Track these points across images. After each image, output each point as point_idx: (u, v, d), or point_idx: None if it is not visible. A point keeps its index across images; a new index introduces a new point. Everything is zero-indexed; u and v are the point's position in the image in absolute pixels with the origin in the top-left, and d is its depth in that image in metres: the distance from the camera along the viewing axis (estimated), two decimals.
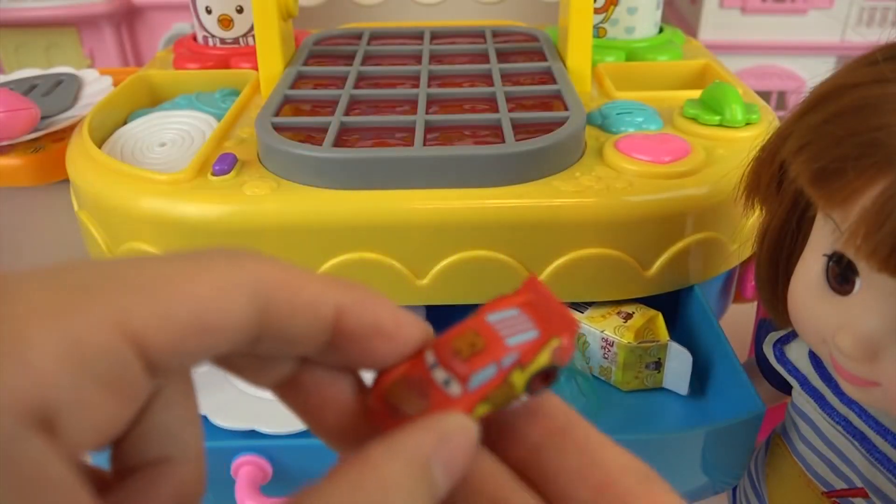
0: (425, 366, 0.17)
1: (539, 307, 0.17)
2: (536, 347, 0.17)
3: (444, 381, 0.16)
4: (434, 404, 0.16)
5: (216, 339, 0.14)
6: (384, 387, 0.17)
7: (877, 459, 0.31)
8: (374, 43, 0.58)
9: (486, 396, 0.16)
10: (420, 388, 0.17)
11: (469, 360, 0.16)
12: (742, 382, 0.37)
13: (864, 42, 0.28)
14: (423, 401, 0.16)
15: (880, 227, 0.24)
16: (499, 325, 0.17)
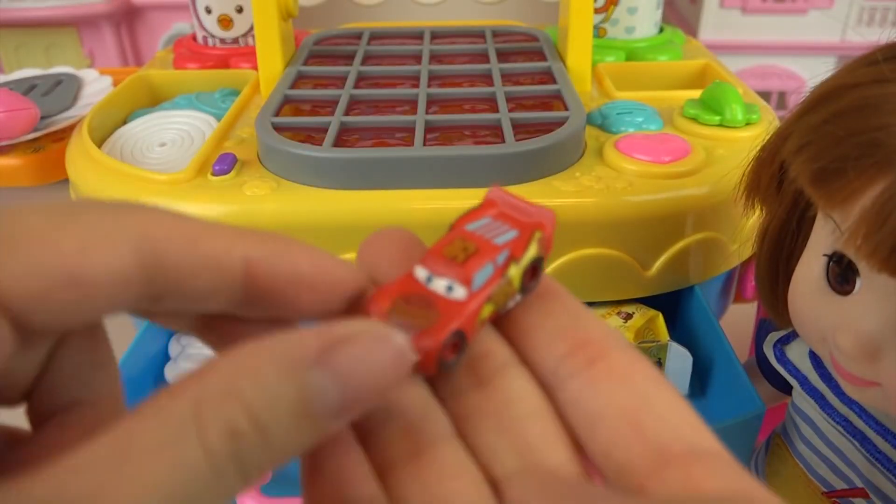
0: (419, 282, 0.17)
1: (508, 211, 0.18)
2: (524, 241, 0.17)
3: (447, 287, 0.16)
4: (444, 312, 0.16)
5: (90, 294, 0.13)
6: (382, 314, 0.16)
7: (877, 459, 0.31)
8: (374, 43, 0.58)
9: (490, 295, 0.17)
10: (422, 301, 0.16)
11: (466, 262, 0.17)
12: (742, 382, 0.36)
13: (864, 42, 0.28)
14: (430, 312, 0.16)
15: (880, 226, 0.24)
16: (480, 230, 0.17)
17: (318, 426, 0.14)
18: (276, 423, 0.13)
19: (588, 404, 0.16)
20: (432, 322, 0.16)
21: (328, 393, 0.13)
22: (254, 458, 0.13)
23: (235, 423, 0.12)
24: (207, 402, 0.13)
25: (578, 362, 0.16)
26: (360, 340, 0.14)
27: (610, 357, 0.16)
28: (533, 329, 0.17)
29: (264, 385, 0.13)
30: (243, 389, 0.13)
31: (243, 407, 0.13)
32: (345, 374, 0.13)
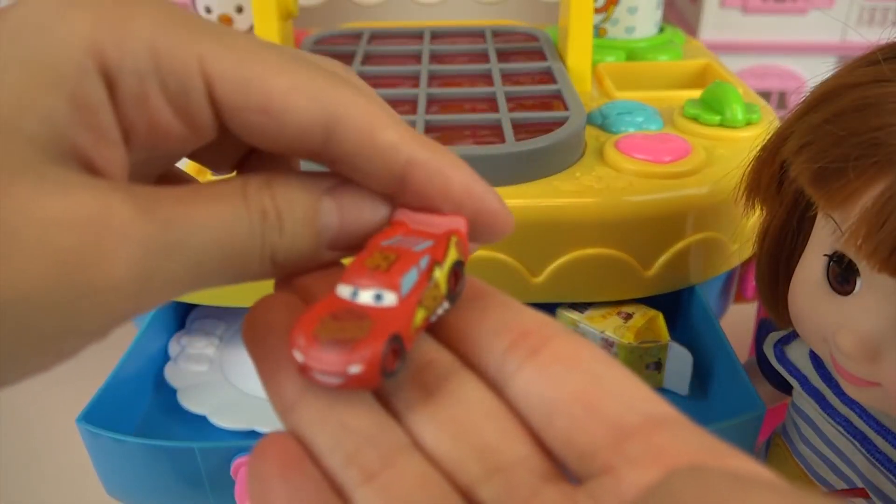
0: (344, 299, 0.17)
1: (419, 227, 0.18)
2: (442, 246, 0.17)
3: (375, 296, 0.16)
4: (377, 321, 0.16)
5: (276, 127, 0.16)
6: (309, 336, 0.16)
7: (877, 460, 0.31)
8: (374, 43, 0.58)
9: (420, 299, 0.17)
10: (352, 315, 0.16)
11: (389, 270, 0.17)
12: (742, 383, 0.36)
13: (864, 42, 0.28)
14: (362, 323, 0.16)
15: (881, 226, 0.24)
16: (397, 244, 0.17)
17: (319, 238, 0.17)
18: (290, 217, 0.17)
19: (540, 394, 0.16)
20: (367, 332, 0.16)
21: (332, 215, 0.17)
22: (272, 237, 0.16)
23: (265, 204, 0.16)
24: (251, 184, 0.17)
25: (522, 353, 0.16)
26: (356, 187, 0.17)
27: (552, 344, 0.16)
28: (471, 330, 0.17)
29: (289, 188, 0.17)
30: (275, 185, 0.17)
31: (271, 195, 0.17)
32: (345, 207, 0.17)
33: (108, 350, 0.43)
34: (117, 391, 0.38)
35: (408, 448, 0.16)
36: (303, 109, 0.16)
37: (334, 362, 0.15)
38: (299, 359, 0.16)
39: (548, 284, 0.41)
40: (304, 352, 0.15)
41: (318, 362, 0.15)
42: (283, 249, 0.17)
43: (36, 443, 0.49)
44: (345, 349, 0.15)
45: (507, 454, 0.15)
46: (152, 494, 0.37)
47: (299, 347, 0.16)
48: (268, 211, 0.16)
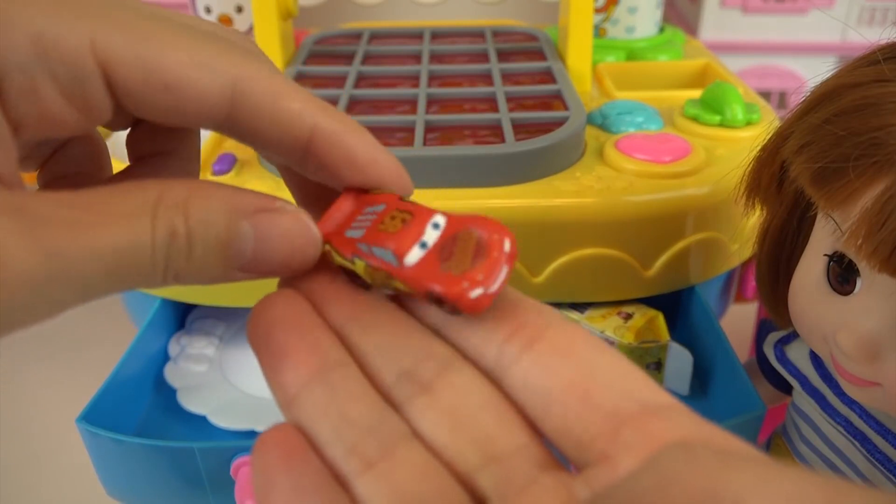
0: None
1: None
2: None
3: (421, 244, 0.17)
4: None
5: (180, 103, 0.16)
6: None
7: (877, 460, 0.31)
8: (374, 43, 0.58)
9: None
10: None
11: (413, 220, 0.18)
12: (742, 383, 0.36)
13: (864, 42, 0.28)
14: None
15: (881, 226, 0.24)
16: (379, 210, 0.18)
17: (229, 263, 0.16)
18: (202, 241, 0.16)
19: (536, 384, 0.16)
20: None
21: (247, 242, 0.16)
22: (177, 260, 0.16)
23: (176, 225, 0.15)
24: (165, 200, 0.15)
25: (519, 345, 0.16)
26: (284, 212, 0.17)
27: (548, 334, 0.16)
28: (469, 321, 0.17)
29: (207, 209, 0.16)
30: (192, 205, 0.16)
31: (185, 216, 0.16)
32: (263, 235, 0.17)
33: (108, 350, 0.43)
34: (117, 391, 0.38)
35: (407, 438, 0.16)
36: (205, 83, 0.16)
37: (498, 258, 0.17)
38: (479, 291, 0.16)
39: (548, 284, 0.41)
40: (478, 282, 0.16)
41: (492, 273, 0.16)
42: (188, 272, 0.16)
43: (36, 443, 0.49)
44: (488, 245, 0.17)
45: (504, 443, 0.16)
46: (152, 494, 0.37)
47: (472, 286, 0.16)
48: (178, 233, 0.15)
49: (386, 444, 0.15)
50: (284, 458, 0.15)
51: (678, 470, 0.12)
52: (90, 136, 0.20)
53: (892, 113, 0.25)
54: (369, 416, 0.16)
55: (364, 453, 0.15)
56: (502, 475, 0.15)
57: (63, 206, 0.14)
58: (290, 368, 0.17)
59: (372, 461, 0.15)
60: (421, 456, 0.15)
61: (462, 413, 0.16)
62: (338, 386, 0.16)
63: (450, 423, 0.16)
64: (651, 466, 0.13)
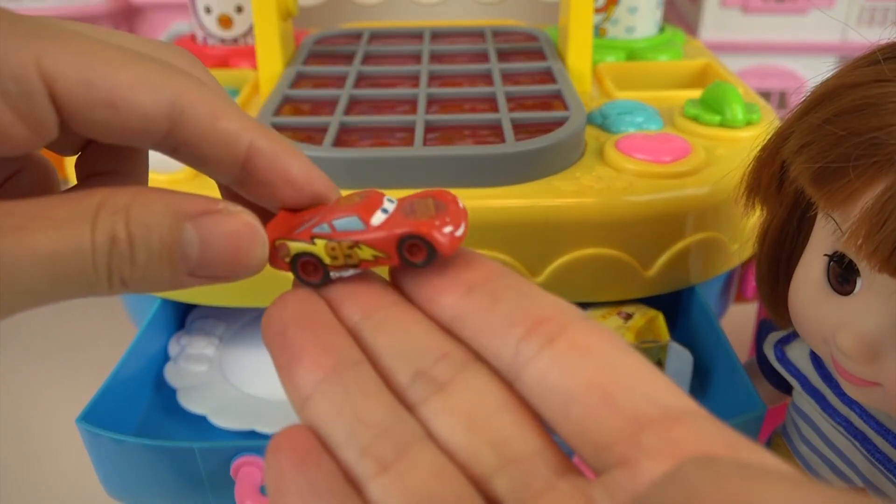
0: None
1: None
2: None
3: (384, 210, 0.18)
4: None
5: (121, 121, 0.16)
6: None
7: (877, 460, 0.31)
8: (374, 43, 0.58)
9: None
10: None
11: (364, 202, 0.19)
12: (742, 383, 0.36)
13: (864, 42, 0.28)
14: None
15: (881, 226, 0.24)
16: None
17: (175, 268, 0.17)
18: (144, 246, 0.16)
19: (556, 383, 0.15)
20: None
21: (193, 246, 0.16)
22: (120, 266, 0.16)
23: (117, 230, 0.16)
24: (107, 206, 0.16)
25: (538, 342, 0.16)
26: (228, 213, 0.17)
27: (569, 331, 0.16)
28: (485, 316, 0.17)
29: (149, 214, 0.16)
30: (133, 210, 0.16)
31: (126, 220, 0.16)
32: (207, 238, 0.17)
33: (107, 350, 0.43)
34: (117, 391, 0.38)
35: (422, 439, 0.16)
36: (148, 102, 0.16)
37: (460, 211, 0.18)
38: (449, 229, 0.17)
39: (548, 284, 0.41)
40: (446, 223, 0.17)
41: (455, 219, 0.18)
42: (134, 278, 0.16)
43: (36, 443, 0.49)
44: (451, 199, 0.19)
45: (521, 446, 0.15)
46: (152, 494, 0.37)
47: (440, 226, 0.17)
48: (118, 238, 0.16)
49: (400, 446, 0.15)
50: (298, 460, 0.15)
51: (703, 485, 0.12)
52: (42, 165, 0.20)
53: (892, 113, 0.25)
54: (384, 416, 0.16)
55: (378, 455, 0.15)
56: (519, 479, 0.15)
57: (4, 213, 0.15)
58: (304, 368, 0.17)
59: (386, 463, 0.15)
60: (436, 458, 0.15)
61: (478, 414, 0.16)
62: (352, 386, 0.16)
63: (465, 424, 0.16)
64: (675, 480, 0.13)
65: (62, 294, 0.16)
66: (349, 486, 0.15)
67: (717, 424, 0.14)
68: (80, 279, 0.15)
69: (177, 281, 0.17)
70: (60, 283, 0.15)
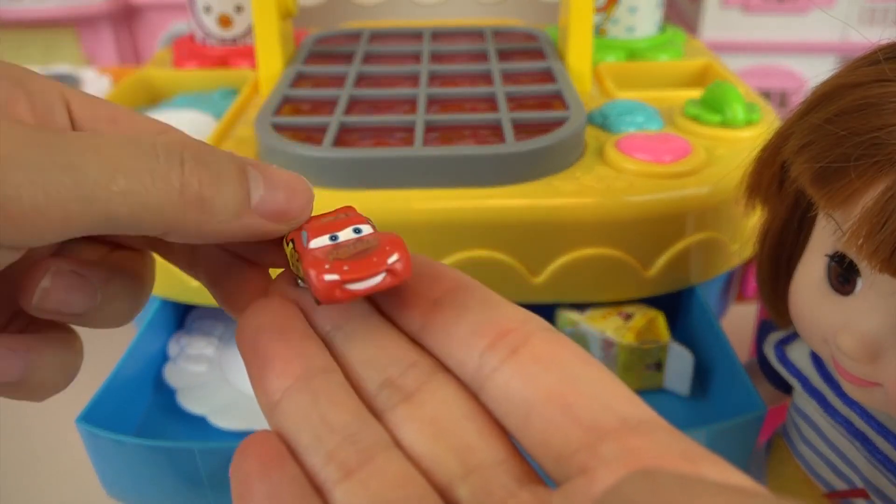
0: (328, 245, 0.18)
1: None
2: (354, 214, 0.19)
3: (355, 230, 0.18)
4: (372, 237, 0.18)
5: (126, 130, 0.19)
6: (329, 259, 0.17)
7: (878, 460, 0.31)
8: (374, 43, 0.58)
9: None
10: (350, 242, 0.18)
11: (347, 218, 0.18)
12: (743, 383, 0.36)
13: (865, 41, 0.28)
14: (364, 240, 0.18)
15: (882, 226, 0.24)
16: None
17: (246, 193, 0.17)
18: (215, 158, 0.17)
19: (517, 394, 0.15)
20: (379, 241, 0.18)
21: (257, 181, 0.17)
22: (195, 164, 0.16)
23: (185, 141, 0.17)
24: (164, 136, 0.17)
25: (501, 353, 0.16)
26: (280, 169, 0.18)
27: (531, 341, 0.16)
28: (451, 328, 0.17)
29: (209, 151, 0.17)
30: (195, 147, 0.17)
31: (193, 151, 0.16)
32: (268, 178, 0.17)
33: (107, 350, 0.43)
34: (117, 391, 0.38)
35: (388, 446, 0.16)
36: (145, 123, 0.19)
37: (374, 264, 0.16)
38: (332, 278, 0.16)
39: (548, 284, 0.40)
40: (337, 270, 0.16)
41: (358, 270, 0.16)
42: (210, 183, 0.16)
43: (36, 443, 0.49)
44: (375, 252, 0.16)
45: (484, 455, 0.15)
46: (152, 495, 0.37)
47: (331, 271, 0.16)
48: (187, 142, 0.16)
49: (365, 452, 0.15)
50: (261, 466, 0.15)
51: (641, 498, 0.12)
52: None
53: (892, 113, 0.24)
54: (350, 423, 0.16)
55: (343, 461, 0.15)
56: (481, 487, 0.15)
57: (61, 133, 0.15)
58: (275, 374, 0.17)
59: (350, 469, 0.15)
60: (400, 465, 0.15)
61: (443, 423, 0.16)
62: (320, 392, 0.16)
63: (431, 432, 0.16)
64: (613, 495, 0.13)
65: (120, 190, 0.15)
66: (313, 492, 0.15)
67: (674, 434, 0.14)
68: (150, 184, 0.15)
69: (246, 209, 0.17)
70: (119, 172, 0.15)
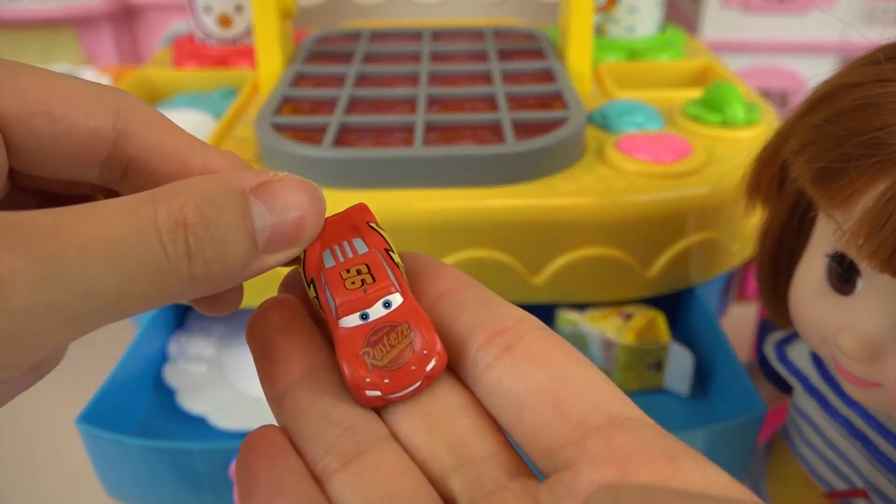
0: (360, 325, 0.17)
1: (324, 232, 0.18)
2: (371, 233, 0.18)
3: (385, 304, 0.17)
4: (404, 320, 0.17)
5: (66, 134, 0.16)
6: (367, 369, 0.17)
7: (878, 461, 0.31)
8: (374, 43, 0.58)
9: (404, 281, 0.18)
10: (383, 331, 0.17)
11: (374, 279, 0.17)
12: (743, 383, 0.36)
13: (865, 41, 0.28)
14: (397, 330, 0.17)
15: (882, 226, 0.24)
16: (341, 255, 0.18)
17: (254, 242, 0.16)
18: (219, 221, 0.15)
19: (510, 390, 0.16)
20: (411, 333, 0.17)
21: (264, 217, 0.16)
22: (200, 248, 0.15)
23: (186, 213, 0.15)
24: (163, 192, 0.15)
25: (496, 350, 0.16)
26: (286, 181, 0.16)
27: (525, 340, 0.16)
28: (449, 325, 0.17)
29: (211, 192, 0.15)
30: (195, 189, 0.15)
31: (194, 202, 0.15)
32: (276, 205, 0.16)
33: (107, 350, 0.43)
34: (116, 391, 0.38)
35: (385, 438, 0.16)
36: (89, 111, 0.16)
37: (413, 373, 0.16)
38: (376, 393, 0.16)
39: (548, 284, 0.40)
40: (380, 385, 0.16)
41: (399, 383, 0.16)
42: (217, 257, 0.15)
43: (36, 443, 0.49)
44: (413, 358, 0.16)
45: (478, 448, 0.16)
46: (152, 495, 0.37)
47: (372, 386, 0.16)
48: (190, 221, 0.15)
49: (363, 444, 0.16)
50: (265, 458, 0.16)
51: None
52: None
53: (892, 113, 0.24)
54: (349, 416, 0.16)
55: (341, 452, 0.16)
56: (473, 479, 0.15)
57: (39, 213, 0.14)
58: (281, 369, 0.17)
59: (348, 459, 0.16)
60: (396, 456, 0.16)
61: (439, 417, 0.16)
62: (322, 387, 0.17)
63: (427, 426, 0.16)
64: None
65: (133, 295, 0.14)
66: (313, 482, 0.16)
67: (658, 432, 0.15)
68: (150, 268, 0.14)
69: (255, 257, 0.16)
70: (128, 278, 0.14)
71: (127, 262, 0.14)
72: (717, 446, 0.35)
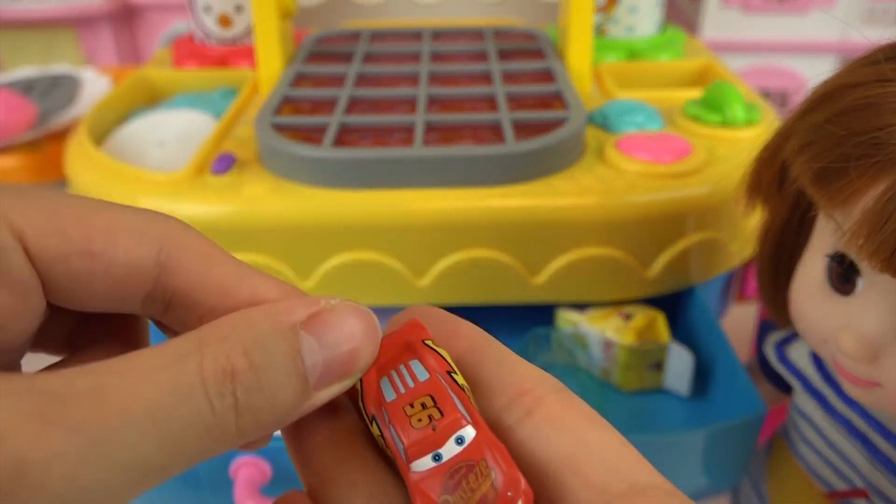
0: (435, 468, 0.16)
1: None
2: (431, 353, 0.17)
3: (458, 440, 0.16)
4: (480, 457, 0.16)
5: (105, 271, 0.15)
6: None
7: (878, 461, 0.31)
8: (374, 43, 0.58)
9: (474, 407, 0.16)
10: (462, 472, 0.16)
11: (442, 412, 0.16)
12: (743, 383, 0.36)
13: (865, 42, 0.28)
14: (476, 470, 0.16)
15: (882, 226, 0.24)
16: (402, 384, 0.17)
17: (304, 383, 0.15)
18: (270, 367, 0.14)
19: (531, 454, 0.16)
20: (491, 472, 0.16)
21: (314, 353, 0.15)
22: (249, 398, 0.14)
23: (233, 360, 0.14)
24: (209, 340, 0.14)
25: (517, 413, 0.16)
26: (339, 310, 0.15)
27: (545, 403, 0.16)
28: (471, 386, 0.17)
29: (260, 334, 0.14)
30: (242, 333, 0.14)
31: (242, 347, 0.14)
32: (328, 338, 0.15)
33: None
34: None
35: None
36: (130, 246, 0.15)
37: None
38: None
39: (548, 284, 0.40)
40: None
41: None
42: (264, 408, 0.14)
43: None
44: (497, 500, 0.15)
45: None
46: (151, 494, 0.37)
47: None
48: (239, 369, 0.14)
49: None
50: None
51: None
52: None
53: (892, 113, 0.24)
54: (373, 482, 0.16)
55: None
56: None
57: (78, 375, 0.13)
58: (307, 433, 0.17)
59: None
60: None
61: None
62: (347, 453, 0.16)
63: None
64: None
65: (178, 458, 0.13)
66: None
67: (680, 498, 0.15)
68: (197, 429, 0.13)
69: (305, 398, 0.15)
70: (173, 444, 0.13)
71: (172, 424, 0.13)
72: (717, 446, 0.35)
